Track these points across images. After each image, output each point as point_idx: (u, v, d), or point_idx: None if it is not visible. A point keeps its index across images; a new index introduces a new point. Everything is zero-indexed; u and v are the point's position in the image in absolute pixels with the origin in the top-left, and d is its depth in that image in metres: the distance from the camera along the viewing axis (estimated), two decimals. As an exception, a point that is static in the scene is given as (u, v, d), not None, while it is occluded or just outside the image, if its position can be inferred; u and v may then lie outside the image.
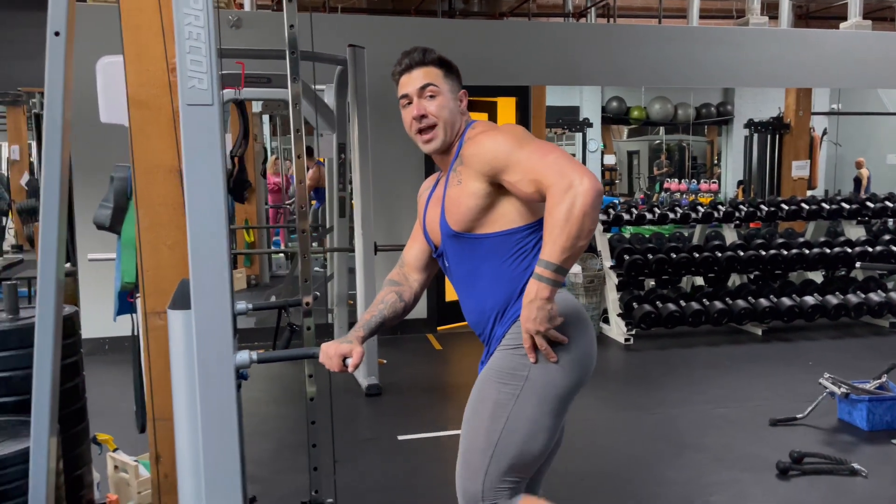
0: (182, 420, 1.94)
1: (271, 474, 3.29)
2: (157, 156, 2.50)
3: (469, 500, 1.76)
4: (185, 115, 1.78)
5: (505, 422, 1.70)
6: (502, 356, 1.74)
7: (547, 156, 1.62)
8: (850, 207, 6.34)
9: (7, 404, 2.46)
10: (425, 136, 1.79)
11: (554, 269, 1.58)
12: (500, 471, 1.71)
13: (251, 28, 5.54)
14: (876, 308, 5.85)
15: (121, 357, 5.02)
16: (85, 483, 2.79)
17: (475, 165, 1.72)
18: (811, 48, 6.95)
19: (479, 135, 1.77)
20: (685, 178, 14.65)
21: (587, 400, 4.38)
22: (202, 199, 1.77)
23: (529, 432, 1.70)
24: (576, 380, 1.73)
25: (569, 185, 1.55)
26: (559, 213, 1.55)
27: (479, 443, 1.73)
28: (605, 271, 5.87)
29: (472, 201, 1.72)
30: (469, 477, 1.75)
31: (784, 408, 3.98)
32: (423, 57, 1.80)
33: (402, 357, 5.30)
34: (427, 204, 1.90)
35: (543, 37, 6.29)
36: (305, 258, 2.19)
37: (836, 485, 3.14)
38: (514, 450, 1.70)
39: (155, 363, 2.49)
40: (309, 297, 2.23)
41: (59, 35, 1.97)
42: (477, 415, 1.75)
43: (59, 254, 2.07)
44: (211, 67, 1.78)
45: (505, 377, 1.72)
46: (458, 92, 1.85)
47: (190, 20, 1.78)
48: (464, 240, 1.76)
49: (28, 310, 2.70)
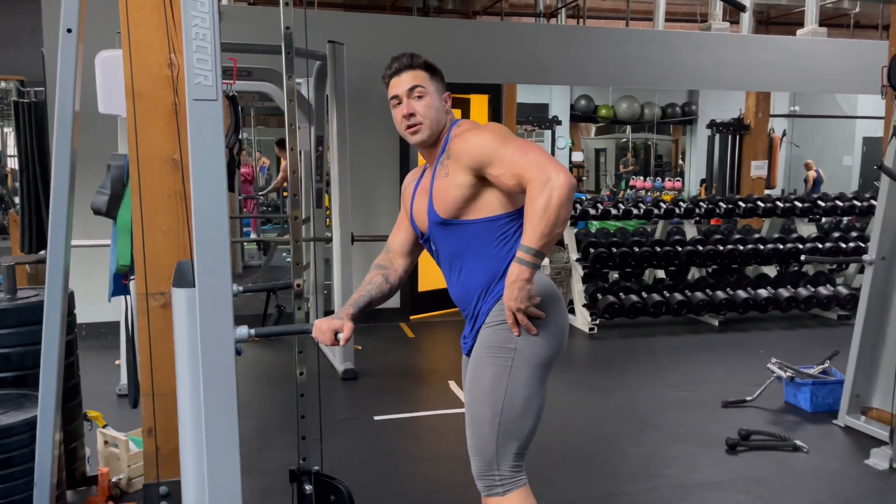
0: (185, 391, 2.09)
1: (255, 451, 3.46)
2: (154, 146, 2.64)
3: (484, 466, 1.91)
4: (192, 109, 1.93)
5: (505, 391, 1.88)
6: (490, 332, 1.93)
7: (528, 153, 1.81)
8: (803, 206, 6.68)
9: (7, 379, 2.59)
10: (412, 130, 1.97)
11: (533, 253, 1.77)
12: (508, 436, 1.88)
13: (229, 21, 5.65)
14: (824, 301, 6.19)
15: (99, 343, 5.12)
16: (78, 456, 2.93)
17: (462, 160, 1.90)
18: (770, 53, 7.28)
19: (466, 132, 1.94)
20: (650, 177, 15.01)
21: (556, 384, 4.60)
22: (206, 186, 1.93)
23: (527, 396, 1.89)
24: (556, 348, 1.94)
25: (547, 179, 1.74)
26: (539, 204, 1.74)
27: (486, 414, 1.90)
28: (571, 264, 6.12)
29: (458, 192, 1.91)
30: (481, 446, 1.91)
31: (736, 391, 4.26)
32: (411, 61, 1.99)
33: (376, 344, 5.48)
34: (414, 194, 2.08)
35: (515, 37, 6.50)
36: (297, 243, 2.36)
37: (779, 459, 3.41)
38: (516, 413, 1.88)
39: (154, 341, 2.64)
40: (300, 280, 2.40)
41: (71, 32, 2.12)
42: (478, 389, 1.92)
43: (67, 235, 2.22)
44: (215, 65, 1.94)
45: (496, 351, 1.90)
46: (443, 93, 2.03)
47: (197, 22, 1.93)
48: (451, 226, 1.94)
49: (25, 290, 2.83)
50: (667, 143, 16.95)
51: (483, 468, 1.92)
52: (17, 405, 2.44)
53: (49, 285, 2.23)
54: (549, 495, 3.02)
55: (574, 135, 16.64)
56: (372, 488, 3.10)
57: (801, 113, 14.27)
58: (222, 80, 3.12)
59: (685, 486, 3.11)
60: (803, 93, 12.64)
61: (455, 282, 2.01)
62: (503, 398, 1.88)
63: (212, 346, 1.97)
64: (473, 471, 1.95)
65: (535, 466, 3.30)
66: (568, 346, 2.02)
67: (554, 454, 3.46)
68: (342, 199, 4.76)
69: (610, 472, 3.28)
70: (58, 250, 2.23)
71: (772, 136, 12.42)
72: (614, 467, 3.33)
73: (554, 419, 3.94)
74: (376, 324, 5.98)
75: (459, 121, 2.04)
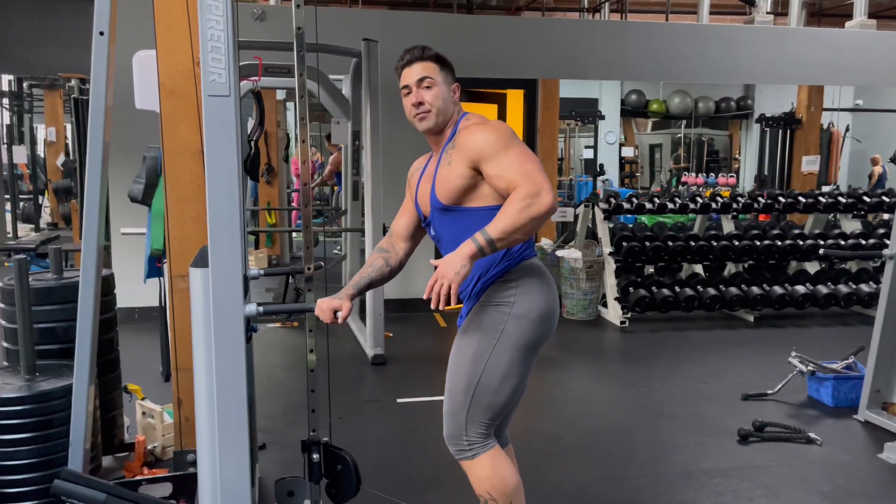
0: (200, 363, 2.29)
1: (281, 426, 3.67)
2: (184, 139, 2.86)
3: (454, 430, 2.09)
4: (207, 104, 2.12)
5: (484, 366, 2.03)
6: (482, 310, 2.08)
7: (526, 164, 1.91)
8: (846, 201, 6.55)
9: (52, 350, 2.85)
10: (419, 117, 2.11)
11: (487, 240, 1.86)
12: (479, 407, 2.04)
13: (275, 20, 5.91)
14: (866, 298, 6.08)
15: (148, 325, 5.44)
16: (117, 424, 3.19)
17: (465, 151, 2.01)
18: (821, 46, 7.12)
19: (473, 126, 2.06)
20: (702, 173, 14.78)
21: (577, 373, 4.72)
22: (220, 174, 2.11)
23: (504, 374, 2.04)
24: (542, 332, 2.07)
25: (536, 193, 1.84)
26: (516, 205, 1.85)
27: (462, 384, 2.07)
28: (604, 257, 6.16)
29: (458, 181, 2.03)
30: (453, 412, 2.09)
31: (760, 386, 4.27)
32: (421, 53, 2.11)
33: (408, 332, 5.66)
34: (420, 179, 2.22)
35: (552, 32, 6.57)
36: (308, 228, 2.53)
37: (790, 450, 3.43)
38: (491, 389, 2.04)
39: (179, 319, 2.87)
40: (311, 264, 2.57)
41: (103, 34, 2.33)
42: (460, 360, 2.09)
43: (99, 220, 2.44)
44: (229, 64, 2.11)
45: (484, 329, 2.05)
46: (452, 84, 2.14)
47: (212, 24, 2.11)
48: (450, 212, 2.08)
49: (69, 271, 3.09)
50: (723, 139, 16.63)
51: (453, 433, 2.08)
52: (58, 373, 2.69)
53: (84, 265, 2.45)
54: (553, 476, 3.13)
55: (627, 130, 16.48)
56: (388, 463, 3.28)
57: (864, 107, 13.84)
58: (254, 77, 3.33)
59: (690, 472, 3.17)
60: (865, 86, 12.26)
61: None
62: (481, 372, 2.03)
63: (223, 321, 2.15)
64: (444, 434, 2.11)
65: (543, 448, 3.46)
66: (596, 339, 2.14)
67: (564, 439, 3.57)
68: (374, 190, 4.94)
69: (617, 458, 3.36)
70: (91, 234, 2.45)
71: (832, 131, 12.10)
72: (622, 453, 3.41)
73: (568, 406, 4.06)
74: (411, 313, 6.16)
75: (469, 114, 2.16)
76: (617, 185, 14.65)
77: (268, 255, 8.45)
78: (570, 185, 14.09)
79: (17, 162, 11.24)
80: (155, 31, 2.79)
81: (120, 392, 3.23)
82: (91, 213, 2.46)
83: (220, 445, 2.14)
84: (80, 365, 2.47)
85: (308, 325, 2.62)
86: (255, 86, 3.07)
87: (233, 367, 2.18)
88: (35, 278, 2.94)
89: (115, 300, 3.20)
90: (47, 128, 11.73)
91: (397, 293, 6.04)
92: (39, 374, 2.67)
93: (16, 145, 11.10)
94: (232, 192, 2.16)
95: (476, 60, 6.25)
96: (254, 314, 2.20)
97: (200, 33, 2.12)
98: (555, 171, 9.61)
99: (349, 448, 2.47)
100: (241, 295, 2.16)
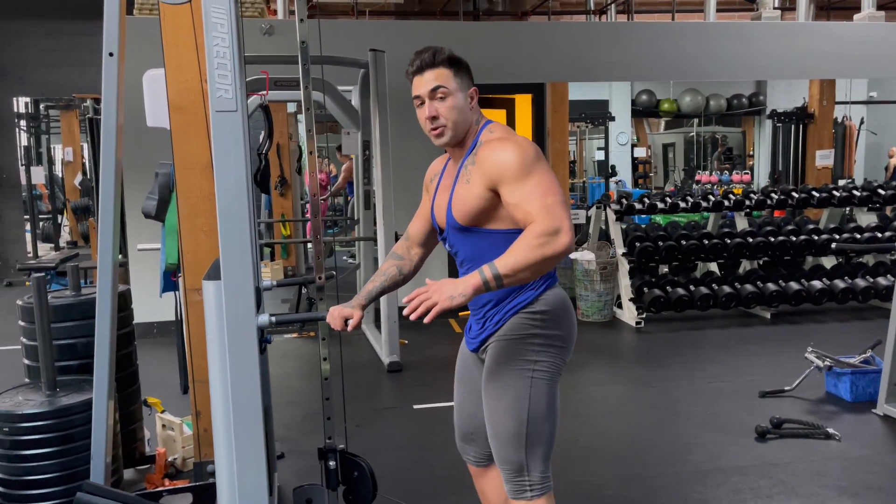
0: (215, 374, 2.33)
1: (299, 436, 3.71)
2: (194, 154, 2.91)
3: (514, 474, 1.97)
4: (215, 119, 2.16)
5: (528, 403, 1.94)
6: (508, 345, 1.97)
7: (547, 196, 1.76)
8: (861, 195, 6.50)
9: (73, 366, 2.90)
10: (436, 132, 1.96)
11: (495, 274, 1.72)
12: (535, 444, 1.96)
13: (283, 35, 5.99)
14: (884, 292, 6.02)
15: (167, 339, 5.50)
16: (137, 437, 3.24)
17: (484, 171, 1.86)
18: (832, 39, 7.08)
19: (497, 141, 1.89)
20: (716, 171, 14.71)
21: (593, 375, 4.72)
22: (229, 188, 2.15)
23: (548, 403, 1.97)
24: (567, 357, 2.04)
25: (555, 231, 1.71)
26: (531, 242, 1.71)
27: (511, 427, 1.95)
28: (617, 258, 6.16)
29: (476, 203, 1.89)
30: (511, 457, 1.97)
31: (777, 383, 4.24)
32: (433, 59, 1.92)
33: (423, 338, 5.68)
34: (437, 188, 2.11)
35: (558, 36, 6.59)
36: (318, 238, 2.56)
37: (809, 446, 3.42)
38: (541, 422, 1.96)
39: (194, 332, 2.91)
40: (322, 274, 2.60)
41: (112, 55, 2.39)
42: (503, 401, 1.96)
43: (114, 236, 2.49)
44: (235, 80, 2.15)
45: (517, 364, 1.96)
46: (469, 90, 1.97)
47: (217, 41, 2.15)
48: (468, 232, 1.95)
49: (87, 288, 3.15)
50: (736, 136, 16.54)
51: (514, 476, 1.98)
52: (78, 388, 2.74)
53: (100, 282, 2.50)
54: (569, 476, 3.14)
55: (639, 130, 16.42)
56: (405, 469, 3.30)
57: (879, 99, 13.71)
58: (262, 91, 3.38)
59: (706, 471, 3.17)
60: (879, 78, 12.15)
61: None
62: (527, 409, 1.95)
63: (237, 333, 2.19)
64: (503, 478, 2.01)
65: (561, 450, 3.42)
66: (611, 340, 2.12)
67: (581, 440, 3.58)
68: (385, 199, 4.97)
69: (634, 458, 3.36)
70: (106, 250, 2.50)
71: (847, 125, 12.00)
72: (640, 453, 3.41)
73: (584, 408, 4.06)
74: (426, 320, 6.17)
75: (492, 123, 2.01)
76: (630, 186, 14.60)
77: (283, 267, 8.52)
78: (583, 188, 14.07)
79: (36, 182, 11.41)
80: (163, 48, 2.85)
81: (140, 405, 3.28)
82: (105, 229, 2.51)
83: (238, 455, 2.16)
84: (99, 379, 2.52)
85: (321, 334, 2.66)
86: (263, 100, 3.11)
87: (247, 377, 2.21)
88: (54, 296, 3.00)
89: (133, 315, 3.25)
90: (64, 148, 11.89)
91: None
92: (60, 389, 2.72)
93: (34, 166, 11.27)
94: (241, 205, 2.20)
95: (484, 67, 6.22)
96: (266, 324, 2.24)
97: (206, 50, 2.16)
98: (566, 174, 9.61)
99: (367, 455, 2.49)
100: (254, 306, 2.20)
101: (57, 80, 9.18)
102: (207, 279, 2.33)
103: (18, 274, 8.16)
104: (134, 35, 5.28)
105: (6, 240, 9.30)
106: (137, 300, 5.15)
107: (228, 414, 2.24)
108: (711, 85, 14.25)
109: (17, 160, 10.06)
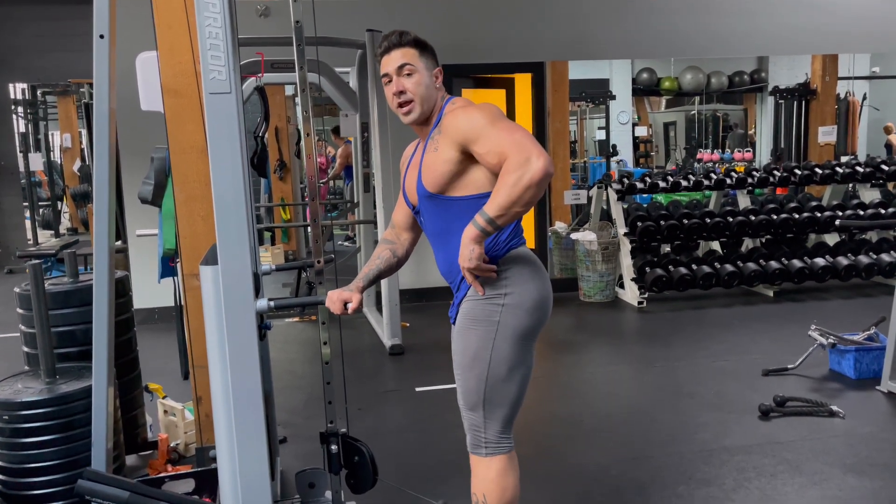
0: (215, 359, 2.31)
1: (302, 420, 3.70)
2: (190, 138, 2.87)
3: (473, 429, 2.05)
4: (208, 102, 2.12)
5: (489, 362, 2.00)
6: (473, 305, 2.03)
7: (513, 133, 1.85)
8: (864, 171, 6.44)
9: (72, 353, 2.89)
10: (404, 109, 2.06)
11: (487, 219, 1.84)
12: (494, 402, 2.01)
13: (280, 15, 5.91)
14: (887, 268, 5.99)
15: (168, 325, 5.49)
16: (139, 423, 3.23)
17: (451, 135, 1.96)
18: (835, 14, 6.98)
19: (458, 109, 2.01)
20: (717, 149, 14.62)
21: (595, 355, 4.71)
22: (225, 172, 2.12)
23: (510, 366, 2.00)
24: (537, 318, 2.03)
25: (526, 160, 1.79)
26: (509, 179, 1.80)
27: (472, 384, 2.03)
28: (619, 238, 6.13)
29: (445, 167, 1.98)
30: (470, 413, 2.06)
31: (781, 361, 4.23)
32: (399, 39, 2.04)
33: (424, 321, 5.66)
34: (408, 168, 2.19)
35: (559, 12, 6.50)
36: (316, 222, 2.53)
37: (813, 424, 3.41)
38: (500, 382, 2.00)
39: (193, 317, 2.89)
40: (321, 258, 2.57)
41: (103, 38, 2.34)
42: (464, 359, 2.05)
43: (109, 221, 2.46)
44: (228, 61, 2.12)
45: (480, 323, 2.01)
46: (434, 69, 2.08)
47: (210, 22, 2.11)
48: (438, 200, 2.04)
49: (86, 275, 3.13)
50: (738, 113, 16.42)
51: (472, 429, 2.05)
52: (78, 375, 2.73)
53: (96, 267, 2.48)
54: (574, 458, 3.13)
55: (640, 109, 16.30)
56: (408, 451, 3.30)
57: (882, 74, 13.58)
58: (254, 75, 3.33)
59: (711, 450, 3.16)
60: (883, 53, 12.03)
61: (442, 255, 2.11)
62: (487, 368, 2.00)
63: (235, 317, 2.17)
64: (465, 427, 2.08)
65: (564, 431, 3.45)
66: (614, 320, 2.10)
67: (584, 421, 3.57)
68: (385, 182, 4.93)
69: (638, 438, 3.35)
70: (102, 235, 2.47)
71: (849, 101, 11.89)
72: (643, 433, 3.40)
73: (587, 389, 4.05)
74: (427, 303, 6.17)
75: (453, 98, 2.11)
76: (631, 166, 14.52)
77: (284, 251, 8.50)
78: (584, 168, 14.00)
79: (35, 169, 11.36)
80: (155, 30, 2.80)
81: (141, 391, 3.27)
82: (101, 214, 2.48)
83: (238, 440, 2.15)
84: (98, 366, 2.50)
85: (321, 318, 2.64)
86: (258, 82, 3.06)
87: (246, 362, 2.20)
88: (52, 283, 2.98)
89: (132, 301, 3.23)
90: (62, 134, 11.83)
91: (413, 283, 6.05)
92: (60, 376, 2.71)
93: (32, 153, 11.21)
94: (237, 189, 2.17)
95: (482, 46, 6.22)
96: (265, 309, 2.21)
97: (199, 31, 2.12)
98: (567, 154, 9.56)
99: (369, 438, 2.48)
100: (252, 291, 2.17)
101: (53, 65, 9.10)
102: (205, 264, 2.30)
103: (19, 261, 8.14)
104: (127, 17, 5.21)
105: (6, 227, 9.27)
106: (138, 286, 5.15)
107: (228, 400, 2.23)
108: (713, 62, 14.12)
109: (15, 147, 10.00)
